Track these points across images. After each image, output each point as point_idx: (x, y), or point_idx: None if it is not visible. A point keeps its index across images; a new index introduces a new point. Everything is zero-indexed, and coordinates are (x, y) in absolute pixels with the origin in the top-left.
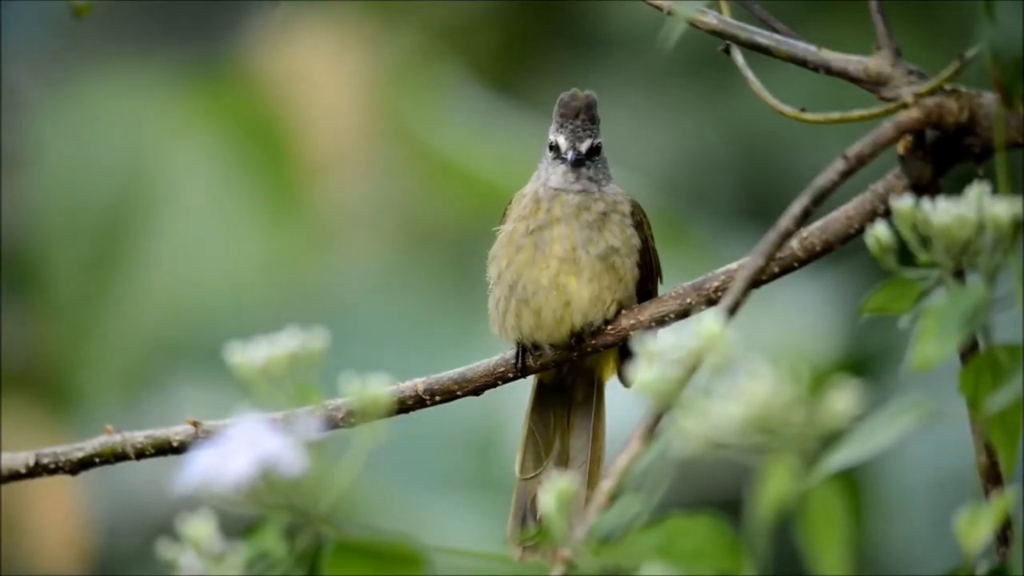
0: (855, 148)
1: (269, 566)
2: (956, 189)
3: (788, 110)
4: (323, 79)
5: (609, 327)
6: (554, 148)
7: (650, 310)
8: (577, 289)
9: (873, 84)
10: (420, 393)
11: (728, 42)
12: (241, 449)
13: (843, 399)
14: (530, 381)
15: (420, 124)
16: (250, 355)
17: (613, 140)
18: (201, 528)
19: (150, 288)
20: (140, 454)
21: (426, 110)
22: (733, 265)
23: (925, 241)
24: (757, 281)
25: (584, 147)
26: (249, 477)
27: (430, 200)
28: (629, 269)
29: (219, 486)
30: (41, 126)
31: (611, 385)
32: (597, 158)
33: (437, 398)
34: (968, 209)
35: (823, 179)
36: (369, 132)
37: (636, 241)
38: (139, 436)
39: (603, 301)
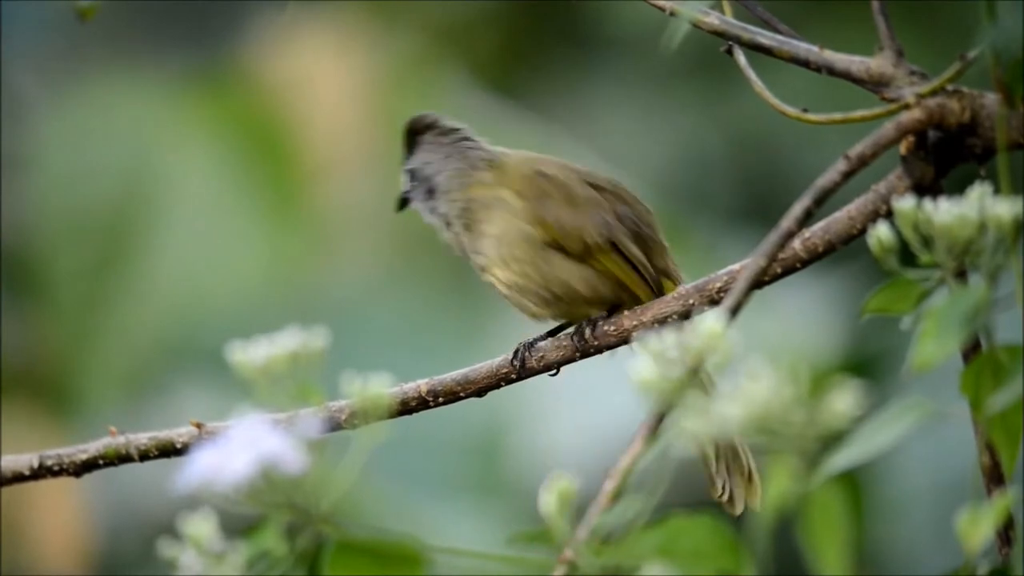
0: (857, 148)
1: (269, 565)
2: (958, 189)
3: (790, 111)
4: (324, 82)
5: (612, 327)
6: None
7: (653, 310)
8: (502, 278)
9: (875, 85)
10: (423, 394)
11: (730, 43)
12: (242, 448)
13: (844, 400)
14: (536, 380)
15: None
16: (251, 354)
17: (613, 141)
18: (201, 527)
19: (152, 290)
20: (144, 456)
21: (427, 112)
22: (735, 266)
23: (927, 241)
24: (759, 282)
25: (404, 186)
26: (250, 476)
27: None
28: (538, 249)
29: (220, 485)
30: (43, 129)
31: (613, 384)
32: (415, 182)
33: (440, 399)
34: (970, 209)
35: (825, 179)
36: (370, 134)
37: (520, 212)
38: (143, 438)
39: (529, 291)
